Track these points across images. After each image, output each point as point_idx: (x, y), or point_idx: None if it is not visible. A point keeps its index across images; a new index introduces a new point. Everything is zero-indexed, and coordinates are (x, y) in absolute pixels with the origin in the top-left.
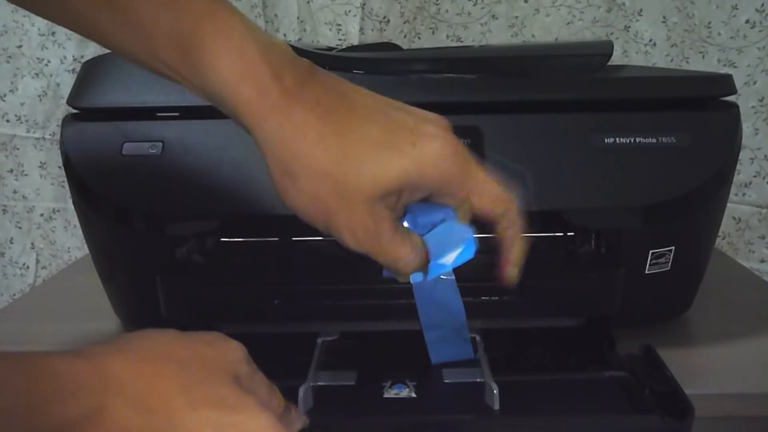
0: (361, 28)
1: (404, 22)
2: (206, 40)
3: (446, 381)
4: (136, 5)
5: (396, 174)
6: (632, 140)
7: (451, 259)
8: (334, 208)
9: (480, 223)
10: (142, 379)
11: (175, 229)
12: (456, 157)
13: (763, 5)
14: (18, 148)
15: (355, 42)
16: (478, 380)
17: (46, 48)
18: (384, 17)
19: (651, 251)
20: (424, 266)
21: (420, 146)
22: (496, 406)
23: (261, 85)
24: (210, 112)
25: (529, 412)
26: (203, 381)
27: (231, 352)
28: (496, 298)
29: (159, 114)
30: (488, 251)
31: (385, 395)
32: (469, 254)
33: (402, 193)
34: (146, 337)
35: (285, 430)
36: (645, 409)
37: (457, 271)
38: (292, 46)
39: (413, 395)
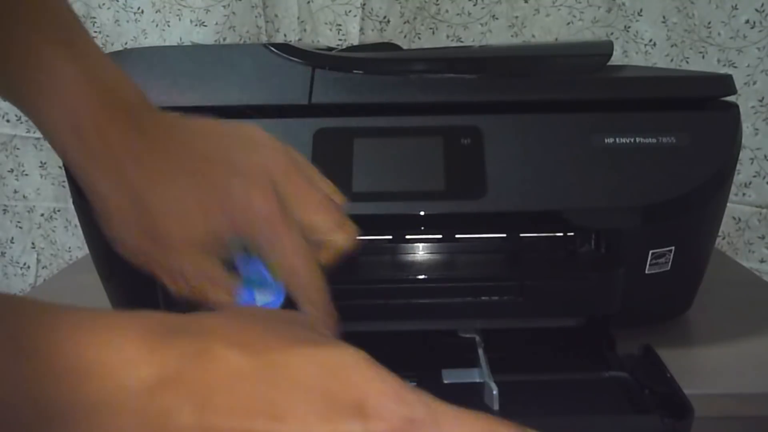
0: (361, 28)
1: (404, 22)
2: (39, 91)
3: (446, 382)
4: None
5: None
6: (632, 140)
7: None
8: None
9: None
10: (237, 327)
11: None
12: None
13: (763, 5)
14: (18, 148)
15: (355, 42)
16: (478, 381)
17: None
18: (384, 17)
19: (651, 251)
20: None
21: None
22: (496, 407)
23: (87, 140)
24: (209, 112)
25: (528, 413)
26: (288, 328)
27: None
28: (496, 298)
29: None
30: (489, 251)
31: None
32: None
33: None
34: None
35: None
36: (644, 410)
37: (457, 270)
38: (292, 46)
39: None
